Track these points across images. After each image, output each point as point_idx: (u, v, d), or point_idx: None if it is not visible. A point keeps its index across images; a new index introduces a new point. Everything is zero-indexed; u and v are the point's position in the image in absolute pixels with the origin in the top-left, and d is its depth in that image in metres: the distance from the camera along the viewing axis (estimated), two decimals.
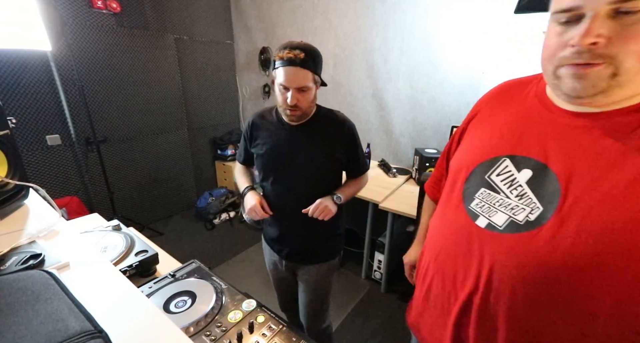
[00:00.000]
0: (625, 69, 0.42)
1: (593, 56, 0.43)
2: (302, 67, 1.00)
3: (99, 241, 1.02)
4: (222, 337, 0.74)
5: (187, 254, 2.66)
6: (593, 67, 0.43)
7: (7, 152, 0.67)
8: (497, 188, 0.58)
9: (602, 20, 0.41)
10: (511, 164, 0.57)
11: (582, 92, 0.46)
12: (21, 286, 0.41)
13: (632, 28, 0.40)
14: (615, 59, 0.42)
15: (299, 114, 1.08)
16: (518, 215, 0.53)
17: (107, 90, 2.63)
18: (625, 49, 0.41)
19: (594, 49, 0.42)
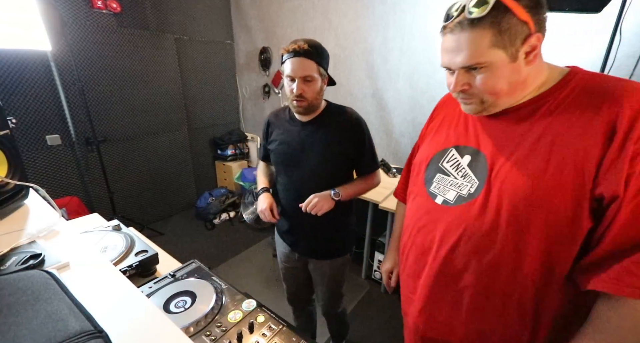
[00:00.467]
0: (486, 100, 0.63)
1: (464, 97, 0.65)
2: (306, 57, 1.05)
3: (99, 241, 1.02)
4: (222, 337, 0.74)
5: (187, 254, 2.66)
6: (468, 101, 0.66)
7: (7, 152, 0.67)
8: (448, 172, 0.74)
9: (462, 74, 0.61)
10: (456, 152, 0.74)
11: (472, 111, 0.68)
12: (21, 286, 0.41)
13: (480, 78, 0.60)
14: (477, 96, 0.63)
15: (305, 104, 1.10)
16: (463, 190, 0.69)
17: (107, 90, 2.63)
18: (479, 90, 0.61)
19: (464, 92, 0.64)
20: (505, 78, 0.58)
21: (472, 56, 0.57)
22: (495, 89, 0.60)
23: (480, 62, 0.57)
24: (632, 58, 1.53)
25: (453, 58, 0.59)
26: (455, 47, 0.58)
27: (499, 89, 0.60)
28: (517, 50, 0.56)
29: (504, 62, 0.56)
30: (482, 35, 0.54)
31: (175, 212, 3.41)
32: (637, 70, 1.53)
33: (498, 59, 0.56)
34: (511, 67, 0.57)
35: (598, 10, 1.31)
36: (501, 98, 0.61)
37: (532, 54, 0.57)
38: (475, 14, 0.54)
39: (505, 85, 0.59)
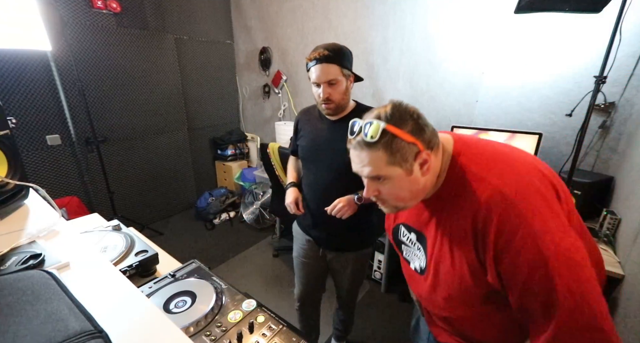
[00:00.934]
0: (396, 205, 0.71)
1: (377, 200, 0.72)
2: (327, 62, 1.10)
3: (99, 241, 1.02)
4: (222, 337, 0.74)
5: (187, 254, 2.66)
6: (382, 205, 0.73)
7: (7, 152, 0.67)
8: (408, 244, 0.83)
9: (371, 182, 0.68)
10: (405, 229, 0.83)
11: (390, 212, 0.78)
12: (21, 286, 0.41)
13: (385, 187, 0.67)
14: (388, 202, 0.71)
15: (333, 106, 1.17)
16: (421, 263, 0.77)
17: (107, 90, 2.63)
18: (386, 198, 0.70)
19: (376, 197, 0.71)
20: (406, 188, 0.66)
21: (374, 171, 0.64)
22: (399, 196, 0.68)
23: (380, 175, 0.65)
24: (632, 58, 1.53)
25: (361, 169, 0.67)
26: (358, 160, 0.66)
27: (403, 197, 0.68)
28: (411, 165, 0.63)
29: (401, 176, 0.64)
30: (378, 156, 0.62)
31: (175, 212, 3.41)
32: (637, 70, 1.53)
33: (396, 174, 0.64)
34: (409, 180, 0.65)
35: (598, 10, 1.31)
36: (408, 202, 0.70)
37: (425, 166, 0.64)
38: (368, 138, 0.61)
39: (407, 193, 0.67)
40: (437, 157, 0.67)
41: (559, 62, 1.74)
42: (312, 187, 1.32)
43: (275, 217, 2.92)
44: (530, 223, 0.54)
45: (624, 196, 1.41)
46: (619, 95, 1.60)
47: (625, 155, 1.54)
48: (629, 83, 1.56)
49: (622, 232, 1.34)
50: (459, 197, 0.65)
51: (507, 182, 0.59)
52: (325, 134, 1.25)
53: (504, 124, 1.99)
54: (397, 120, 0.61)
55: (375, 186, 0.69)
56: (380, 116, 0.62)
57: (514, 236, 0.55)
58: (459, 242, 0.65)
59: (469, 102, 2.12)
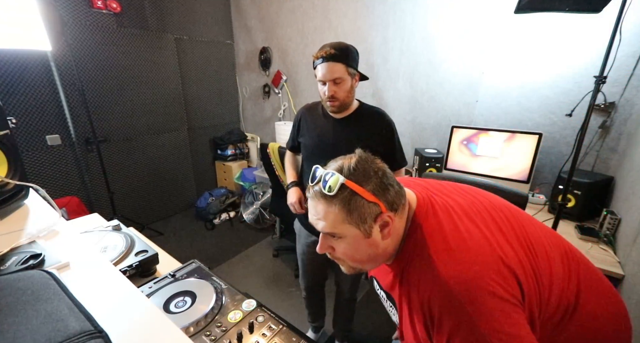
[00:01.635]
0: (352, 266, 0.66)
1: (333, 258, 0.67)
2: (333, 61, 1.12)
3: (99, 241, 1.02)
4: (222, 337, 0.74)
5: (187, 254, 2.66)
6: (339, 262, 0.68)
7: (7, 152, 0.67)
8: (382, 299, 0.81)
9: (325, 237, 0.63)
10: (377, 284, 0.81)
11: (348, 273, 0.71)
12: (21, 286, 0.41)
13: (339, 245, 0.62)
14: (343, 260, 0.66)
15: (337, 104, 1.19)
16: (396, 319, 0.74)
17: (107, 90, 2.63)
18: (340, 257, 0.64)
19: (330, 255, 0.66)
20: (362, 251, 0.61)
21: (327, 226, 0.59)
22: (355, 257, 0.62)
23: (335, 233, 0.60)
24: (632, 58, 1.53)
25: (316, 222, 0.62)
26: (315, 212, 0.61)
27: (359, 259, 0.63)
28: (370, 226, 0.58)
29: (358, 237, 0.59)
30: (334, 211, 0.57)
31: (175, 212, 3.41)
32: (637, 70, 1.53)
33: (352, 234, 0.59)
34: (367, 242, 0.59)
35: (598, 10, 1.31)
36: (365, 264, 0.65)
37: (386, 229, 0.59)
38: (326, 191, 0.57)
39: (364, 256, 0.62)
40: (401, 219, 0.62)
41: (559, 62, 1.74)
42: None
43: (275, 217, 2.92)
44: (475, 325, 0.50)
45: (624, 196, 1.41)
46: (619, 95, 1.60)
47: (625, 155, 1.54)
48: (629, 83, 1.56)
49: (622, 232, 1.34)
50: (414, 270, 0.60)
51: (458, 277, 0.54)
52: (330, 132, 1.27)
53: (503, 124, 1.99)
54: (359, 176, 0.57)
55: (329, 243, 0.63)
56: (343, 169, 0.58)
57: (455, 333, 0.52)
58: (417, 312, 0.60)
59: (469, 102, 2.12)
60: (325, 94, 1.17)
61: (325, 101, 1.20)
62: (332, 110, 1.23)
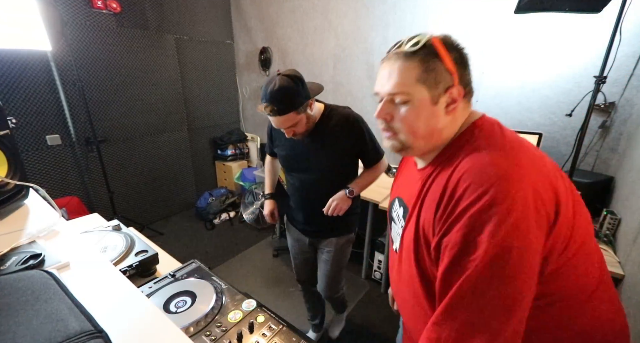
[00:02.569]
0: (404, 140, 0.64)
1: (386, 129, 0.66)
2: (280, 114, 1.10)
3: (99, 241, 1.02)
4: (222, 337, 0.74)
5: (187, 254, 2.66)
6: (391, 135, 0.65)
7: (7, 152, 0.67)
8: (395, 221, 0.80)
9: (387, 103, 0.62)
10: (397, 203, 0.79)
11: (392, 149, 0.68)
12: (21, 286, 0.41)
13: (401, 112, 0.61)
14: (397, 133, 0.64)
15: (300, 137, 1.22)
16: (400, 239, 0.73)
17: (107, 90, 2.63)
18: (399, 125, 0.62)
19: (386, 123, 0.64)
20: (424, 119, 0.60)
21: (399, 84, 0.59)
22: (413, 127, 0.61)
23: (404, 92, 0.59)
24: (632, 58, 1.53)
25: (383, 85, 0.62)
26: (387, 74, 0.61)
27: (416, 128, 0.61)
28: (439, 95, 0.59)
29: (425, 101, 0.59)
30: (411, 68, 0.58)
31: (175, 212, 3.41)
32: (637, 70, 1.53)
33: (421, 96, 0.58)
34: (431, 110, 0.59)
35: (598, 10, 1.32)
36: (417, 140, 0.63)
37: (451, 105, 0.60)
38: (408, 47, 0.58)
39: (423, 126, 0.61)
40: (463, 111, 0.62)
41: (559, 62, 1.74)
42: (299, 190, 1.38)
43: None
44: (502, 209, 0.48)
45: (624, 196, 1.41)
46: (619, 95, 1.60)
47: (625, 155, 1.54)
48: (629, 83, 1.56)
49: (622, 232, 1.34)
50: (453, 161, 0.59)
51: (505, 164, 0.52)
52: (301, 146, 1.28)
53: (503, 124, 1.99)
54: (446, 42, 0.59)
55: (390, 109, 0.62)
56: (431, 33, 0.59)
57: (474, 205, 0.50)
58: (433, 194, 0.59)
59: None
60: (287, 135, 1.19)
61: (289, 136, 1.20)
62: (299, 138, 1.23)
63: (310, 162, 1.29)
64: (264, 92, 1.11)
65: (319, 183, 1.31)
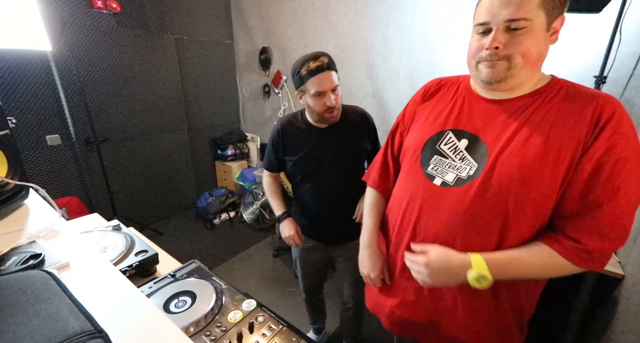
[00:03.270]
0: (515, 64, 0.64)
1: (494, 55, 0.65)
2: (330, 69, 1.10)
3: (99, 241, 1.02)
4: (222, 337, 0.74)
5: (187, 254, 2.66)
6: (496, 62, 0.66)
7: (7, 152, 0.67)
8: (445, 155, 0.77)
9: (501, 32, 0.63)
10: (453, 136, 0.77)
11: (492, 77, 0.67)
12: (21, 286, 0.41)
13: (518, 38, 0.62)
14: (509, 57, 0.64)
15: (337, 113, 1.17)
16: (462, 173, 0.73)
17: (107, 90, 2.63)
18: (514, 50, 0.63)
19: (497, 52, 0.64)
20: (538, 44, 0.63)
21: (522, 10, 0.60)
22: (529, 51, 0.63)
23: (526, 17, 0.60)
24: (632, 58, 1.53)
25: (499, 11, 0.61)
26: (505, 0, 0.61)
27: (531, 53, 0.63)
28: (551, 22, 0.62)
29: (541, 27, 0.61)
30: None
31: (175, 212, 3.41)
32: (637, 70, 1.53)
33: (539, 22, 0.61)
34: (544, 36, 0.63)
35: (598, 10, 1.32)
36: (527, 66, 0.64)
37: (555, 34, 0.65)
38: None
39: (536, 51, 0.63)
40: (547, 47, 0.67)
41: (559, 62, 1.73)
42: (319, 196, 1.29)
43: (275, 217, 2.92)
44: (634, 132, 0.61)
45: None
46: (619, 95, 1.60)
47: None
48: (629, 83, 1.56)
49: None
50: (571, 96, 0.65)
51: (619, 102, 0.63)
52: (323, 143, 1.23)
53: None
54: None
55: (503, 38, 0.63)
56: None
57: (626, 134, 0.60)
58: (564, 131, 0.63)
59: None
60: (326, 104, 1.11)
61: (324, 113, 1.14)
62: (332, 121, 1.18)
63: (329, 159, 1.23)
64: (306, 57, 1.10)
65: (338, 186, 1.26)
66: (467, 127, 0.75)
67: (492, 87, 0.71)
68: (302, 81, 1.12)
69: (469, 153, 0.73)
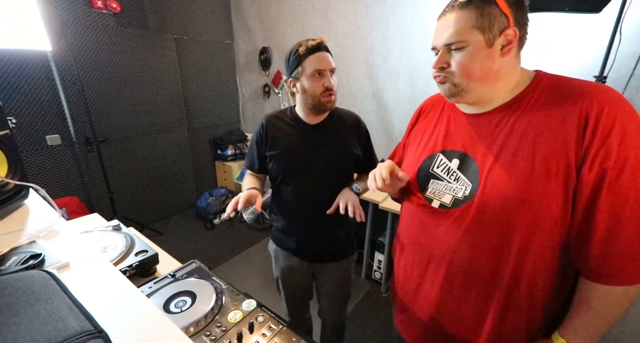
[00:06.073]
0: (458, 83, 0.68)
1: (440, 74, 0.70)
2: (327, 51, 1.07)
3: (99, 241, 1.02)
4: (222, 337, 0.74)
5: (187, 254, 2.66)
6: (443, 77, 0.70)
7: (7, 152, 0.67)
8: (440, 177, 0.77)
9: (444, 54, 0.68)
10: (444, 157, 0.77)
11: (446, 93, 0.72)
12: (21, 286, 0.41)
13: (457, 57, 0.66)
14: (451, 74, 0.68)
15: (334, 98, 1.10)
16: (458, 193, 0.72)
17: (107, 90, 2.63)
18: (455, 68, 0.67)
19: (442, 69, 0.69)
20: (479, 62, 0.64)
21: (455, 34, 0.64)
22: (469, 69, 0.65)
23: (460, 40, 0.63)
24: (632, 58, 1.53)
25: (440, 38, 0.67)
26: (444, 27, 0.66)
27: (471, 71, 0.65)
28: (494, 37, 0.62)
29: (480, 45, 0.63)
30: (467, 16, 0.62)
31: (175, 212, 3.41)
32: (637, 70, 1.53)
33: (476, 41, 0.63)
34: (486, 53, 0.63)
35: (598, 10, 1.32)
36: (472, 81, 0.66)
37: (507, 47, 0.63)
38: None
39: (478, 68, 0.65)
40: (517, 56, 0.67)
41: (559, 62, 1.73)
42: (299, 199, 1.18)
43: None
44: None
45: None
46: None
47: None
48: (629, 83, 1.56)
49: None
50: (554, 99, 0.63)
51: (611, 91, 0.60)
52: (308, 140, 1.13)
53: None
54: None
55: (446, 58, 0.67)
56: None
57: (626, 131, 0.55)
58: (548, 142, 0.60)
59: None
60: (325, 85, 1.04)
61: (322, 94, 1.05)
62: (329, 106, 1.09)
63: (313, 157, 1.13)
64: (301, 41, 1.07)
65: (317, 190, 1.15)
66: (456, 146, 0.75)
67: (455, 101, 0.74)
68: (298, 61, 1.04)
69: (462, 172, 0.72)
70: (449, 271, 0.74)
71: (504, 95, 0.68)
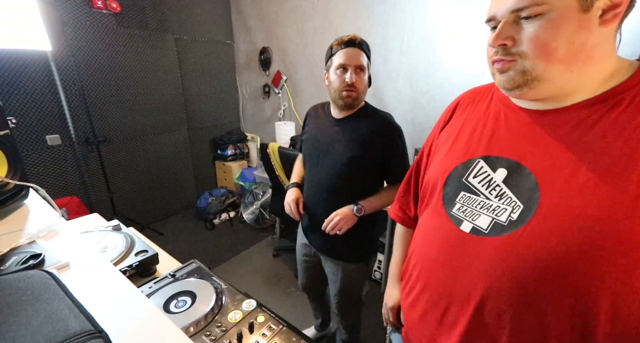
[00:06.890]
0: (530, 69, 0.47)
1: (505, 53, 0.49)
2: (359, 48, 1.09)
3: (99, 241, 1.02)
4: (222, 337, 0.74)
5: (187, 254, 2.66)
6: (507, 62, 0.49)
7: (7, 152, 0.67)
8: (476, 191, 0.57)
9: (508, 25, 0.47)
10: (486, 165, 0.56)
11: (506, 84, 0.50)
12: (21, 286, 0.41)
13: (531, 30, 0.45)
14: (519, 61, 0.47)
15: (354, 95, 1.10)
16: (501, 215, 0.52)
17: (107, 90, 2.63)
18: (527, 47, 0.46)
19: (505, 48, 0.48)
20: (567, 33, 0.42)
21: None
22: (549, 46, 0.43)
23: (538, 3, 0.42)
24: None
25: (502, 1, 0.46)
26: None
27: (554, 48, 0.43)
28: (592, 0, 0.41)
29: (570, 9, 0.41)
30: None
31: (175, 212, 3.41)
32: None
33: (563, 4, 0.42)
34: (579, 19, 0.42)
35: None
36: (552, 64, 0.45)
37: (611, 12, 0.42)
38: None
39: (564, 43, 0.43)
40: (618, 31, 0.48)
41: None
42: (312, 187, 1.25)
43: (275, 217, 2.92)
44: None
45: None
46: None
47: None
48: None
49: None
50: None
51: None
52: (329, 132, 1.19)
53: None
54: None
55: (512, 30, 0.46)
56: None
57: None
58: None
59: None
60: (346, 80, 1.06)
61: (342, 90, 1.08)
62: (347, 102, 1.10)
63: (332, 149, 1.16)
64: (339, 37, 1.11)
65: (335, 183, 1.16)
66: (505, 152, 0.54)
67: (516, 96, 0.52)
68: (330, 54, 1.11)
69: (510, 188, 0.52)
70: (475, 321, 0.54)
71: (595, 86, 0.48)
